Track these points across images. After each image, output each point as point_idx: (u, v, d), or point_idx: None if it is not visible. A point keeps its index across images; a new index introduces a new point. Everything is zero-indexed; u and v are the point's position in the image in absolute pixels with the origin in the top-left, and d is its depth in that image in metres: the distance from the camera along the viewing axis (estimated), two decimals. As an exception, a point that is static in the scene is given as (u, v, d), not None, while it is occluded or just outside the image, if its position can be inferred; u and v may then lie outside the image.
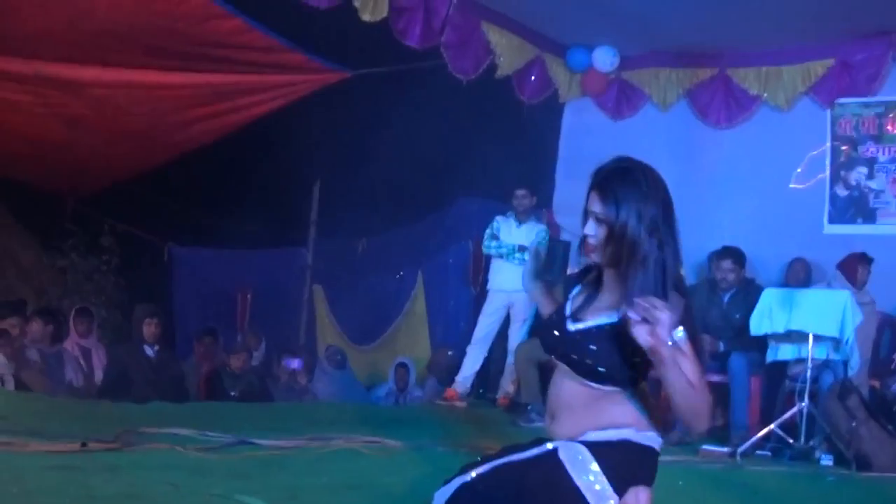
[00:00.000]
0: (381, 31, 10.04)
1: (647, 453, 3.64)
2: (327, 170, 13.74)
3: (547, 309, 4.01)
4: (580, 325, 3.68)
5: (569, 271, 10.77)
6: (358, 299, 13.97)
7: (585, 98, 12.58)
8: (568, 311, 3.77)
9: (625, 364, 3.56)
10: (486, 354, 11.12)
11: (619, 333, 3.51)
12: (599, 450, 3.57)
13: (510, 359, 10.80)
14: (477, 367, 11.05)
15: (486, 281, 11.37)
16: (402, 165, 12.09)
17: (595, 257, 3.67)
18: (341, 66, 11.38)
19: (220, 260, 14.91)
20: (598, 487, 3.52)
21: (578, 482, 3.54)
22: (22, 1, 9.06)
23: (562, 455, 3.58)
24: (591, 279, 3.82)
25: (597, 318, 3.65)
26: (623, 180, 3.64)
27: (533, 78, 12.02)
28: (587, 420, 3.63)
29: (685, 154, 11.81)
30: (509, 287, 10.90)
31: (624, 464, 3.58)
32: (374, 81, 11.59)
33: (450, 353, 12.22)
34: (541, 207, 11.79)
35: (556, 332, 3.74)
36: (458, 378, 11.03)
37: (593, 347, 3.60)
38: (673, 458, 7.93)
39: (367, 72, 11.52)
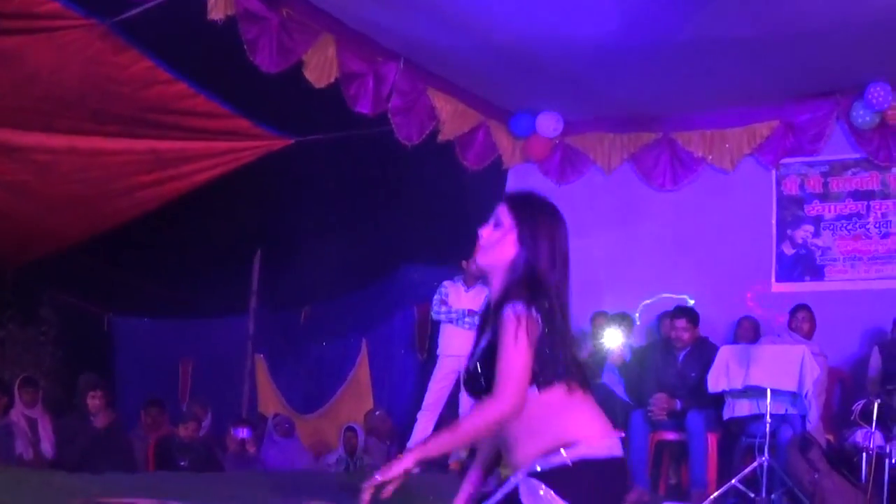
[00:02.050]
0: (326, 96, 10.04)
1: (607, 466, 3.64)
2: (269, 237, 13.66)
3: None
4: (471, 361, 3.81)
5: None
6: (301, 368, 13.88)
7: (529, 163, 12.61)
8: None
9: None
10: (437, 420, 11.03)
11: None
12: (556, 479, 3.58)
13: (462, 423, 10.73)
14: (428, 432, 10.93)
15: (434, 346, 11.31)
16: (345, 232, 12.06)
17: (479, 258, 3.81)
18: (285, 133, 11.34)
19: (161, 329, 14.79)
20: None
21: None
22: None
23: (523, 496, 3.59)
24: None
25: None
26: (523, 197, 3.89)
27: (477, 143, 12.04)
28: (533, 444, 3.65)
29: (630, 217, 11.89)
30: (460, 352, 10.83)
31: (585, 487, 3.60)
32: (317, 147, 11.56)
33: (377, 413, 12.17)
34: (488, 272, 11.77)
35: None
36: (410, 444, 10.90)
37: (479, 363, 3.70)
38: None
39: (310, 139, 11.47)
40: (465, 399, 10.81)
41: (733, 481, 8.45)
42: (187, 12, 8.63)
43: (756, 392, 8.70)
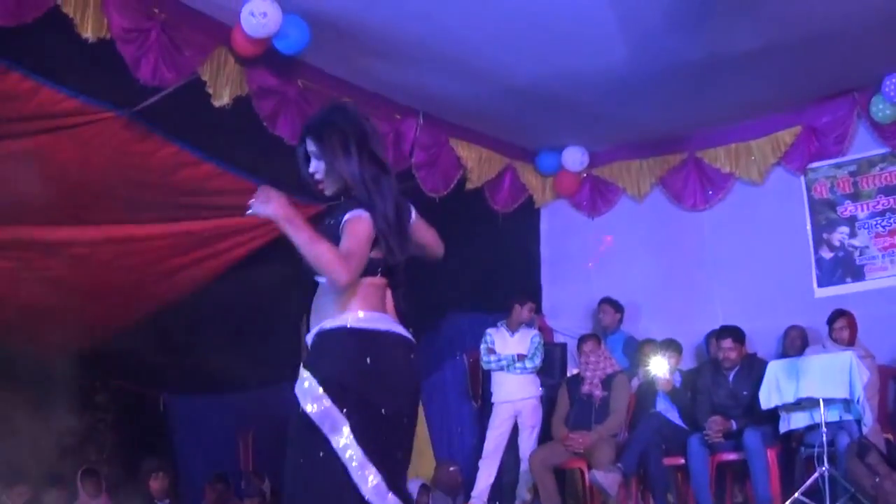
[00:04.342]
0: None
1: (335, 334, 4.26)
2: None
3: None
4: None
5: (569, 372, 10.76)
6: (359, 427, 13.79)
7: (560, 200, 12.67)
8: None
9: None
10: (498, 466, 11.04)
11: (324, 230, 4.29)
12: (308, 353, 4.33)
13: (524, 466, 10.77)
14: (491, 479, 10.97)
15: (489, 394, 11.33)
16: (387, 288, 12.07)
17: (327, 190, 4.52)
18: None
19: (218, 404, 14.79)
20: (305, 385, 4.24)
21: (298, 391, 4.29)
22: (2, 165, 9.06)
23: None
24: None
25: None
26: (323, 120, 4.56)
27: (505, 186, 12.11)
28: (313, 323, 4.35)
29: (667, 241, 11.91)
30: (514, 397, 10.94)
31: (316, 354, 4.30)
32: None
33: (452, 468, 12.13)
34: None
35: None
36: (474, 493, 10.93)
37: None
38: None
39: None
40: (524, 443, 10.86)
41: (797, 494, 8.41)
42: (205, 93, 8.80)
43: (809, 403, 8.67)
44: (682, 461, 9.60)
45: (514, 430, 11.12)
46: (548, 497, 9.83)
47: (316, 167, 4.51)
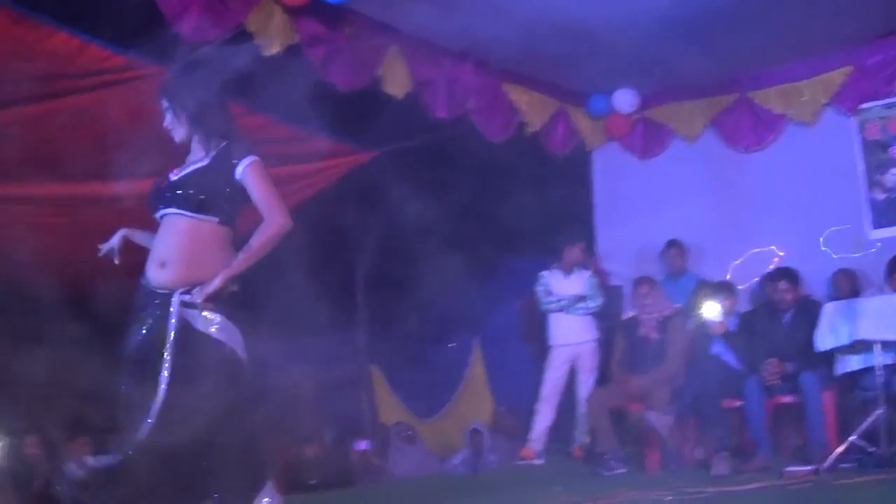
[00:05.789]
0: (406, 106, 10.17)
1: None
2: (369, 249, 13.72)
3: None
4: (178, 175, 5.08)
5: (623, 315, 10.73)
6: (417, 373, 13.91)
7: (612, 143, 12.62)
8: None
9: (219, 193, 4.89)
10: (556, 409, 11.09)
11: (208, 170, 4.98)
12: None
13: (581, 409, 10.80)
14: (548, 422, 11.04)
15: (546, 337, 11.35)
16: (442, 235, 12.12)
17: (177, 136, 5.22)
18: (368, 146, 11.42)
19: (276, 353, 14.87)
20: (214, 328, 4.79)
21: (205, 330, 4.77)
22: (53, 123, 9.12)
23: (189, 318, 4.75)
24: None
25: (190, 167, 5.07)
26: (166, 86, 5.24)
27: (559, 130, 12.07)
28: (191, 271, 4.79)
29: (719, 183, 11.84)
30: (573, 340, 10.99)
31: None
32: (405, 156, 11.62)
33: (501, 408, 12.22)
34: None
35: (158, 189, 5.11)
36: (532, 436, 11.01)
37: (192, 181, 4.96)
38: (759, 485, 7.86)
39: (395, 147, 11.54)
40: (582, 386, 10.90)
41: (852, 437, 8.35)
42: (248, 45, 8.81)
43: (865, 345, 8.59)
44: (739, 404, 9.57)
45: (571, 375, 11.15)
46: (605, 439, 9.85)
47: (168, 120, 5.21)
